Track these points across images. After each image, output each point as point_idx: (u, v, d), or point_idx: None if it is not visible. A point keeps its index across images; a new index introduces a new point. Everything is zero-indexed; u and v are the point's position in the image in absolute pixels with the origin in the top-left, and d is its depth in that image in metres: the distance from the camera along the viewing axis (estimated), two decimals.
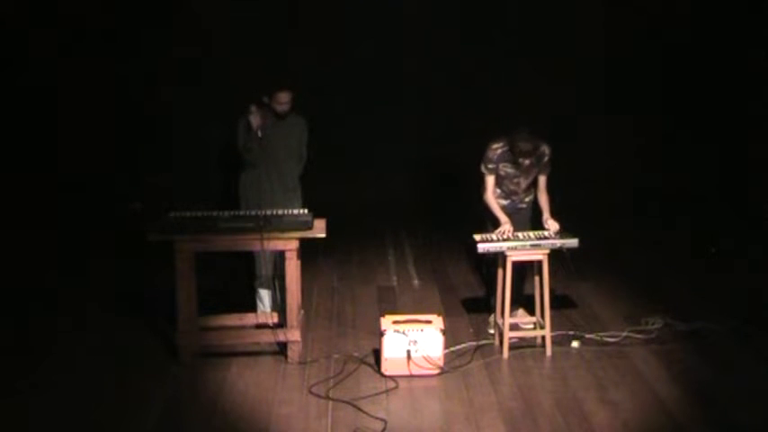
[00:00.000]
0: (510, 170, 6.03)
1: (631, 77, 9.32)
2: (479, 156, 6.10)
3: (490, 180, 6.09)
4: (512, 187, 6.13)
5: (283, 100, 6.11)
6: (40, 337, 6.18)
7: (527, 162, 5.90)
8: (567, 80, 9.19)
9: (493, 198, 6.11)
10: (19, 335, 6.21)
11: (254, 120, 6.05)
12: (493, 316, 6.15)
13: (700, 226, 8.46)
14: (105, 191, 8.97)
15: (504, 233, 5.93)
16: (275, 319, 6.08)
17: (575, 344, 5.99)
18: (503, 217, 6.03)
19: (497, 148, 6.01)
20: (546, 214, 6.08)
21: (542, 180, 6.10)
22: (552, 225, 5.97)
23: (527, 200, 6.20)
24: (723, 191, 8.86)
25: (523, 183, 6.11)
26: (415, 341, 5.50)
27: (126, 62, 8.89)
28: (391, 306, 6.76)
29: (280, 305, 6.19)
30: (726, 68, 9.05)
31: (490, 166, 6.05)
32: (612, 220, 8.82)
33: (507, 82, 9.17)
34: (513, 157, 5.92)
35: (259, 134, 6.04)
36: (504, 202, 6.17)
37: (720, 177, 9.06)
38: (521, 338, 6.00)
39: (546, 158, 6.01)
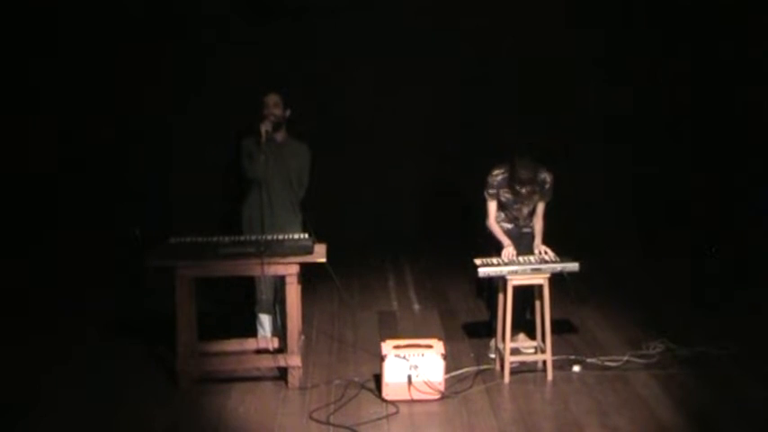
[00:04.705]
0: (509, 196, 6.03)
1: (630, 99, 9.38)
2: (481, 180, 6.11)
3: (492, 205, 6.09)
4: (514, 213, 6.14)
5: (271, 102, 6.02)
6: (37, 362, 6.15)
7: (524, 190, 5.88)
8: (567, 107, 9.24)
9: (495, 223, 6.11)
10: (16, 361, 6.18)
11: (264, 126, 5.89)
12: (494, 340, 6.14)
13: (699, 236, 8.49)
14: (104, 217, 8.96)
15: (508, 255, 5.93)
16: (276, 344, 6.07)
17: (576, 368, 5.97)
18: (505, 240, 6.02)
19: (497, 174, 6.02)
20: (537, 240, 6.08)
21: (541, 207, 6.10)
22: (542, 252, 5.99)
23: (531, 225, 6.18)
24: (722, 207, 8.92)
25: (524, 209, 6.10)
26: (416, 366, 5.49)
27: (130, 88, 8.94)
28: (392, 331, 6.75)
29: (280, 330, 6.17)
30: (721, 83, 9.12)
31: (491, 191, 6.06)
32: (613, 244, 8.81)
33: (509, 107, 9.20)
34: (512, 183, 5.93)
35: (263, 137, 5.89)
36: (509, 227, 6.16)
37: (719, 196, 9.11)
38: (522, 363, 5.99)
39: (547, 186, 6.00)
